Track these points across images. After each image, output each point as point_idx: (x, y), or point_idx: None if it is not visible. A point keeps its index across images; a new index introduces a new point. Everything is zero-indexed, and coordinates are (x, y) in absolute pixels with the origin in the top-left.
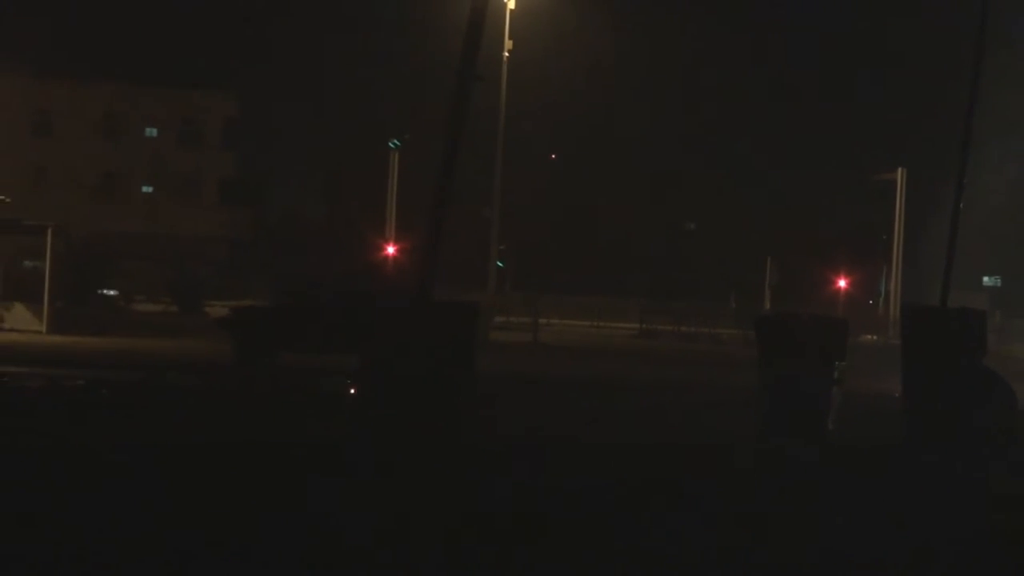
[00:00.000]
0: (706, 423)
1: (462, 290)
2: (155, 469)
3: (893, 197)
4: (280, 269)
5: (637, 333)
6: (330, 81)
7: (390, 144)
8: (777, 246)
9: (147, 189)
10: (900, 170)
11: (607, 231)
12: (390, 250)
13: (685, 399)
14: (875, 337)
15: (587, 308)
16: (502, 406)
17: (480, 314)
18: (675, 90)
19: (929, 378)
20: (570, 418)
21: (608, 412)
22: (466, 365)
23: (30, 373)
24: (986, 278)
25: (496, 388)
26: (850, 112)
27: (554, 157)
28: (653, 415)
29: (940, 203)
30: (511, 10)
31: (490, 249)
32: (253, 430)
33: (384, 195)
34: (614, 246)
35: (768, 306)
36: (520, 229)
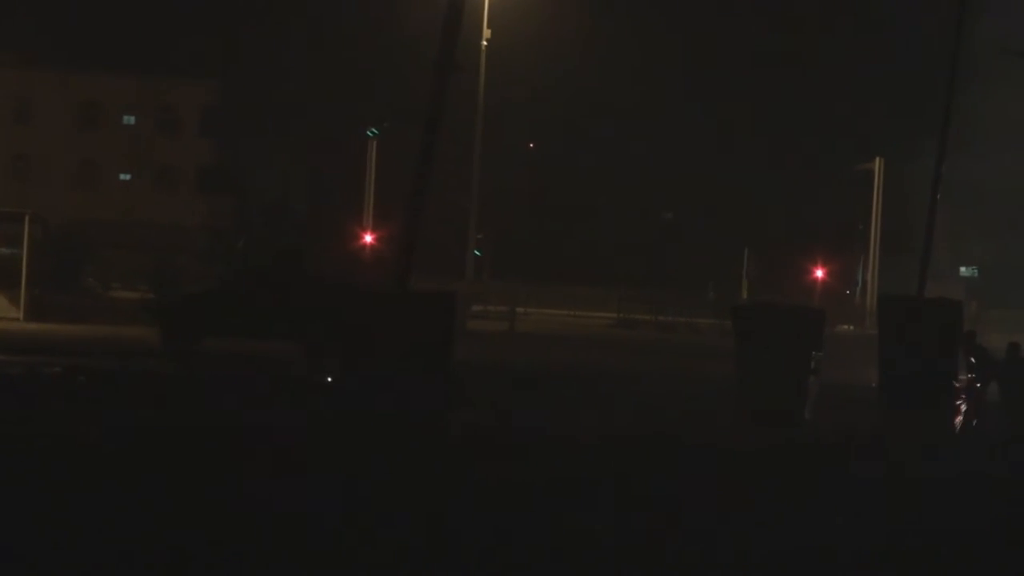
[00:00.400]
0: (679, 412)
1: (440, 279)
2: (134, 454)
3: (871, 186)
4: (252, 255)
5: (614, 322)
6: (310, 69)
7: (368, 133)
8: (755, 236)
9: (125, 177)
10: (878, 159)
11: (585, 220)
12: (368, 239)
13: (660, 388)
14: (852, 327)
15: (565, 297)
16: (473, 395)
17: (458, 303)
18: (654, 79)
19: (905, 367)
20: (541, 408)
21: (580, 401)
22: (444, 353)
23: (6, 360)
24: (963, 268)
25: (468, 376)
26: (829, 101)
27: (532, 146)
28: (627, 404)
29: (918, 193)
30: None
31: (468, 238)
32: (223, 416)
33: (363, 183)
34: (592, 235)
35: (745, 296)
36: (498, 218)
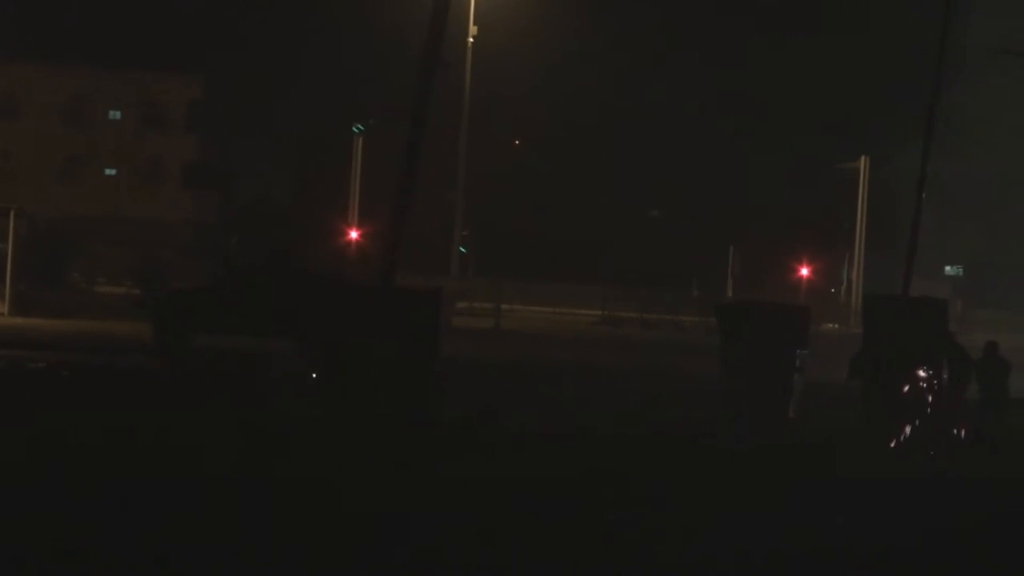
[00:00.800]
0: (662, 410)
1: (425, 276)
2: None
3: (856, 185)
4: (242, 252)
5: (599, 320)
6: (297, 64)
7: (354, 129)
8: (740, 234)
9: (111, 172)
10: (863, 158)
11: (572, 218)
12: (353, 235)
13: (643, 386)
14: (837, 325)
15: (551, 294)
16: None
17: (443, 299)
18: (640, 75)
19: (887, 365)
20: (521, 405)
21: (559, 400)
22: (430, 350)
23: None
24: (948, 267)
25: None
26: (816, 99)
27: (518, 143)
28: (611, 401)
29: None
30: None
31: (453, 235)
32: (211, 411)
33: (349, 180)
34: (578, 233)
35: (730, 294)
36: (484, 215)
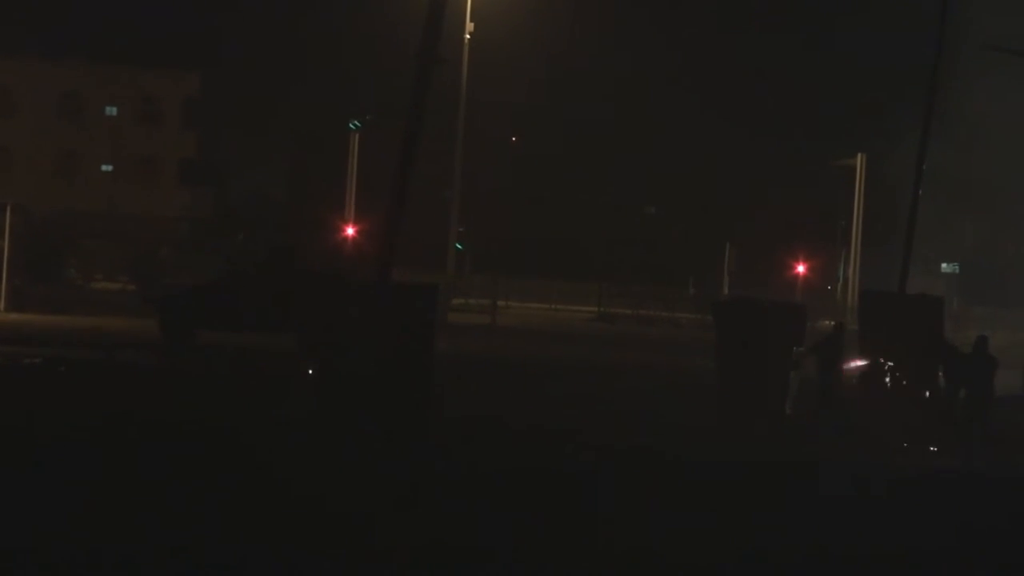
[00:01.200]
0: (657, 408)
1: (421, 272)
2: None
3: (853, 182)
4: (238, 249)
5: (595, 316)
6: (293, 61)
7: (350, 126)
8: (736, 231)
9: (107, 168)
10: (860, 156)
11: (568, 214)
12: (349, 231)
13: (638, 384)
14: (833, 322)
15: (546, 291)
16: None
17: (439, 295)
18: (636, 73)
19: (883, 362)
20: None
21: (548, 397)
22: (426, 345)
23: None
24: (944, 265)
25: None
26: (812, 96)
27: (515, 140)
28: (607, 397)
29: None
30: None
31: (449, 231)
32: (213, 409)
33: (345, 176)
34: (574, 230)
35: (727, 291)
36: (481, 211)
